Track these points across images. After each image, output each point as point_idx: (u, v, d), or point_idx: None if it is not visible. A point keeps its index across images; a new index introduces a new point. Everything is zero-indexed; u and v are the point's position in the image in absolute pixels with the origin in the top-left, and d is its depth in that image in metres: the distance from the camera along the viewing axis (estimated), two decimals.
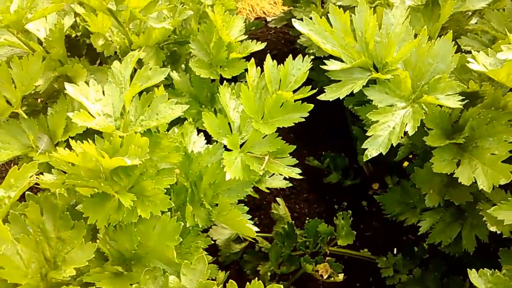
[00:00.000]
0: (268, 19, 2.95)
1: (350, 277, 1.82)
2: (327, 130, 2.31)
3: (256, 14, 3.20)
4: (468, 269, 0.91)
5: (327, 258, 1.45)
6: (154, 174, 0.98)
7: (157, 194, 0.94)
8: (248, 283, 0.82)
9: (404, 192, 1.48)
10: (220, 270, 1.52)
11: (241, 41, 1.40)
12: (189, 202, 1.02)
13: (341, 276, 1.42)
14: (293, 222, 1.65)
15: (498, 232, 1.06)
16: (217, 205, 1.06)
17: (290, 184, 1.58)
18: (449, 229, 1.26)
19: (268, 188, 2.13)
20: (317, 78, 2.08)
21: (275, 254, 1.60)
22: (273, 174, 1.53)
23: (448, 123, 1.14)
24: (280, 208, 1.65)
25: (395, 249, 1.85)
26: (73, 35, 1.49)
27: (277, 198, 1.71)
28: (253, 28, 2.48)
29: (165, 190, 0.94)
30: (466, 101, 1.10)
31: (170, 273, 0.95)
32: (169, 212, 0.95)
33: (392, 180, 1.80)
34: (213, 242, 1.73)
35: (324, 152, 2.10)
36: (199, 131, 1.23)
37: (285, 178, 1.37)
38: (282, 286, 0.81)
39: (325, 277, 1.39)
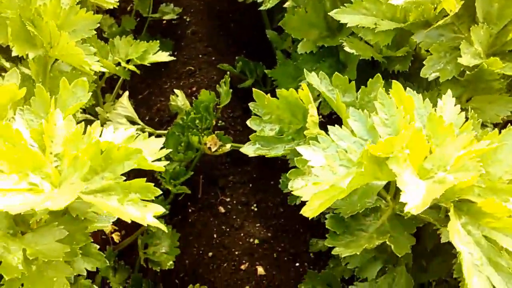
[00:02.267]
0: None
1: (262, 173, 1.79)
2: (245, 38, 2.24)
3: None
4: (305, 71, 0.87)
5: (216, 131, 1.40)
6: None
7: None
8: None
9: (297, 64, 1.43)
10: None
11: None
12: (19, 38, 0.94)
13: (228, 146, 1.37)
14: None
15: (357, 53, 1.02)
16: None
17: (173, 58, 1.51)
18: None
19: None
20: None
21: (174, 142, 1.54)
22: (158, 51, 1.46)
23: None
24: (179, 99, 1.58)
25: None
26: None
27: (175, 90, 1.64)
28: None
29: None
30: None
31: None
32: None
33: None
34: None
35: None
36: None
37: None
38: None
39: (213, 149, 1.34)
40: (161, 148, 0.77)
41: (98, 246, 0.98)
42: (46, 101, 0.78)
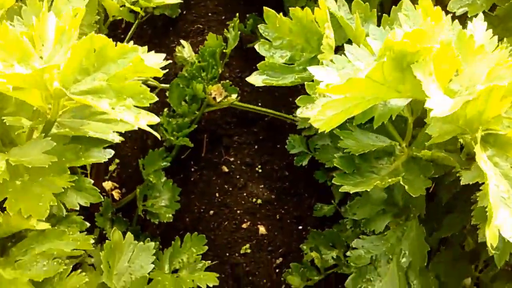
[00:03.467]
0: None
1: (269, 135, 1.73)
2: None
3: None
4: None
5: (222, 81, 1.33)
6: None
7: None
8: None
9: None
10: None
11: None
12: None
13: (234, 97, 1.31)
14: None
15: None
16: None
17: (181, 0, 1.44)
18: None
19: None
20: None
21: (178, 95, 1.48)
22: None
23: None
24: (185, 51, 1.51)
25: None
26: None
27: (182, 41, 1.58)
28: None
29: None
30: None
31: None
32: None
33: None
34: None
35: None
36: None
37: None
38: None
39: (218, 99, 1.28)
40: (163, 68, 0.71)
41: (92, 181, 0.94)
42: (38, 11, 0.72)
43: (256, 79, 0.78)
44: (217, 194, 1.58)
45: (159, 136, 0.58)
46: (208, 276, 1.04)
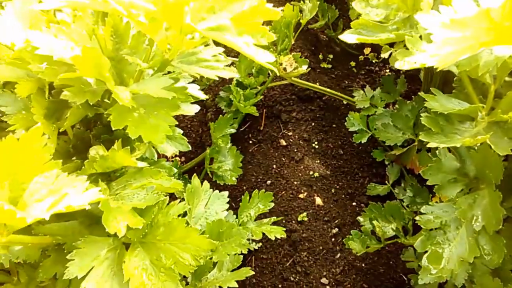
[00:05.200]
0: None
1: (326, 114, 1.77)
2: None
3: None
4: None
5: (292, 53, 1.38)
6: None
7: None
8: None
9: None
10: None
11: None
12: None
13: (304, 68, 1.35)
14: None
15: None
16: None
17: None
18: None
19: None
20: None
21: (245, 68, 1.54)
22: None
23: None
24: None
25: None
26: None
27: None
28: None
29: None
30: None
31: None
32: None
33: None
34: None
35: None
36: None
37: None
38: None
39: (288, 70, 1.32)
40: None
41: (182, 131, 1.01)
42: None
43: (349, 37, 0.82)
44: (274, 166, 1.63)
45: (276, 71, 0.62)
46: (276, 229, 1.09)
